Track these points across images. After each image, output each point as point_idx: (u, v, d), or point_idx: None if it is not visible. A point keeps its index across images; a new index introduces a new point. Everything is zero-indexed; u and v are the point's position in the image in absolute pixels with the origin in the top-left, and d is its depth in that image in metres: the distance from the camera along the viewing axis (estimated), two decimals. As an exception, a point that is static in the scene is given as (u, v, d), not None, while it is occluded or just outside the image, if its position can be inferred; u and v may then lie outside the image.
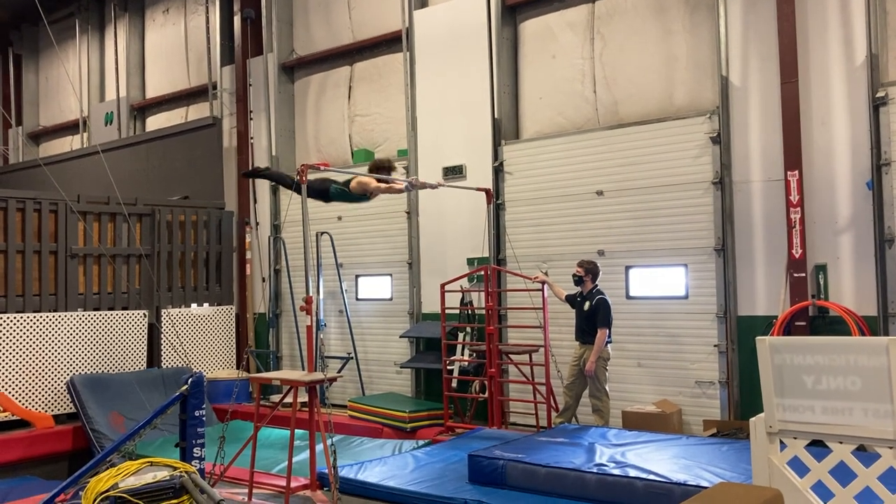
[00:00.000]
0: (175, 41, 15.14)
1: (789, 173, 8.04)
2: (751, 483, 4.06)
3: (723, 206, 8.53)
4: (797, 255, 7.99)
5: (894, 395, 3.45)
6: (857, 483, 3.60)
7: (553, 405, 8.69)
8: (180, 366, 11.06)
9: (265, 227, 12.80)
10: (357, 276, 11.78)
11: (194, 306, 11.87)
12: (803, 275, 7.97)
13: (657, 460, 6.43)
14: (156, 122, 15.46)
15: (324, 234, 11.55)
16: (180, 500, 4.80)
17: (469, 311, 10.07)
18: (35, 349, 9.87)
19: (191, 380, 5.67)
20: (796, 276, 8.00)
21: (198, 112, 14.51)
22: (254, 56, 13.17)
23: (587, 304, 8.33)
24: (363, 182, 7.96)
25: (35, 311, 10.01)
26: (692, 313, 8.75)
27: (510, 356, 9.42)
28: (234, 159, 13.23)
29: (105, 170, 10.75)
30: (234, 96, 13.45)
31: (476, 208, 9.89)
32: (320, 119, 12.76)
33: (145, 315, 11.05)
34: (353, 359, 11.22)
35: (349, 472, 7.03)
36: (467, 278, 9.97)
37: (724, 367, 8.48)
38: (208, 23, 13.88)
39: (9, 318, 9.72)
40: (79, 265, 10.55)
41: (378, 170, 8.07)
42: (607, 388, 8.26)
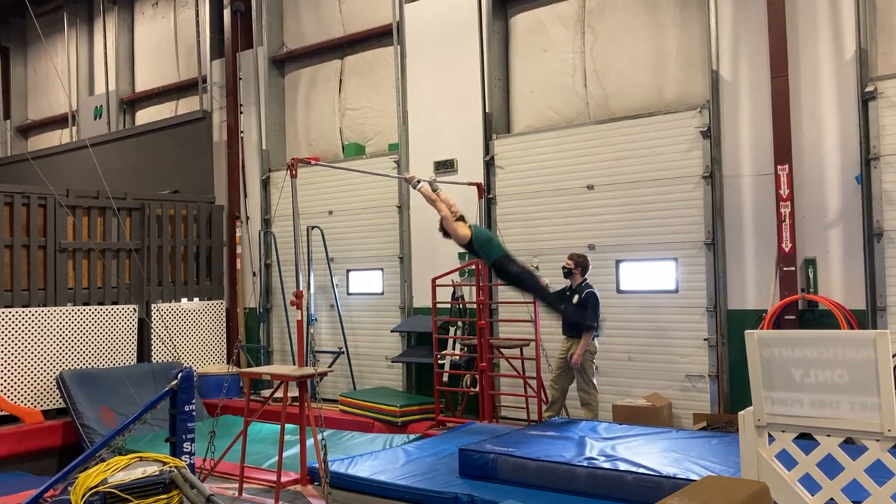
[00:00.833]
0: (164, 34, 15.06)
1: (779, 167, 8.06)
2: (739, 476, 4.08)
3: (713, 200, 8.55)
4: (787, 249, 8.01)
5: (881, 388, 3.46)
6: (845, 475, 3.61)
7: (544, 399, 8.71)
8: (170, 360, 11.03)
9: (255, 221, 12.76)
10: (348, 271, 11.76)
11: (184, 301, 11.84)
12: (793, 269, 8.01)
13: (647, 454, 6.46)
14: (145, 116, 15.38)
15: (314, 228, 11.52)
16: (170, 496, 4.78)
17: (460, 306, 10.08)
18: (24, 344, 9.82)
19: (181, 375, 5.65)
20: (786, 269, 8.03)
21: (188, 106, 14.45)
22: (244, 49, 13.11)
23: (576, 298, 8.34)
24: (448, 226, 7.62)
25: (24, 306, 9.96)
26: (682, 307, 8.78)
27: (501, 350, 9.43)
28: (223, 153, 13.18)
29: (94, 164, 10.73)
30: (223, 90, 13.38)
31: (467, 202, 9.86)
32: (311, 113, 12.72)
33: (135, 310, 11.02)
34: (344, 353, 11.21)
35: (340, 467, 7.02)
36: (458, 273, 9.97)
37: (713, 361, 8.51)
38: (198, 16, 13.81)
39: (-3, 313, 9.69)
40: (68, 260, 10.50)
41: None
42: (595, 381, 8.28)
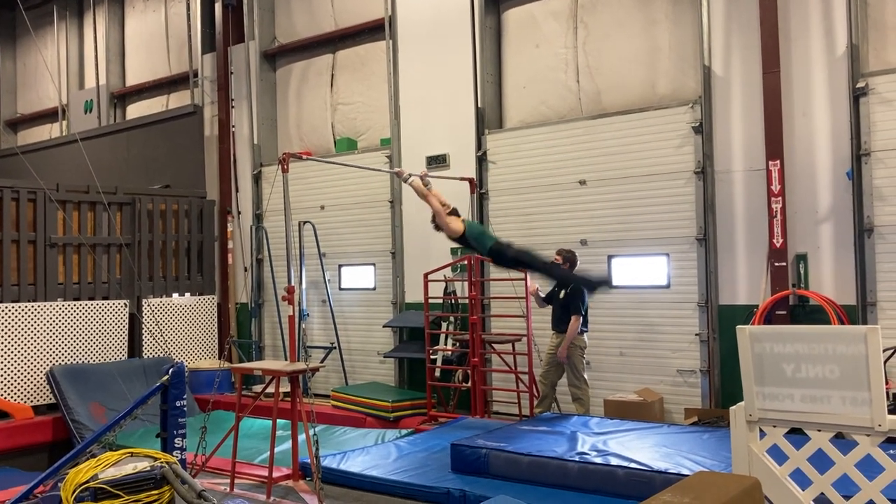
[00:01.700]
0: (155, 28, 14.97)
1: (771, 163, 8.08)
2: (730, 471, 4.09)
3: (705, 195, 8.56)
4: (778, 245, 8.04)
5: (872, 383, 3.48)
6: (835, 470, 3.63)
7: (536, 394, 8.72)
8: (162, 356, 11.00)
9: (247, 216, 12.71)
10: (340, 266, 11.73)
11: (176, 296, 11.79)
12: (784, 264, 8.03)
13: (639, 449, 6.48)
14: (136, 111, 15.28)
15: (306, 223, 11.48)
16: (161, 491, 4.76)
17: (452, 301, 10.07)
18: (14, 340, 9.77)
19: (172, 370, 5.64)
20: (777, 265, 8.05)
21: (179, 100, 14.37)
22: (235, 44, 13.05)
23: (563, 292, 8.36)
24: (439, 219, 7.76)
25: (14, 301, 9.90)
26: (674, 302, 8.79)
27: (493, 345, 9.44)
28: (215, 148, 13.12)
29: (85, 158, 10.66)
30: (215, 84, 13.31)
31: (460, 198, 9.85)
32: (302, 107, 12.67)
33: (126, 305, 10.97)
34: (336, 348, 11.20)
35: (332, 462, 7.03)
36: (451, 268, 9.96)
37: (705, 356, 8.54)
38: (189, 10, 13.72)
39: (-13, 308, 9.63)
40: (58, 254, 10.44)
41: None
42: (586, 376, 8.30)
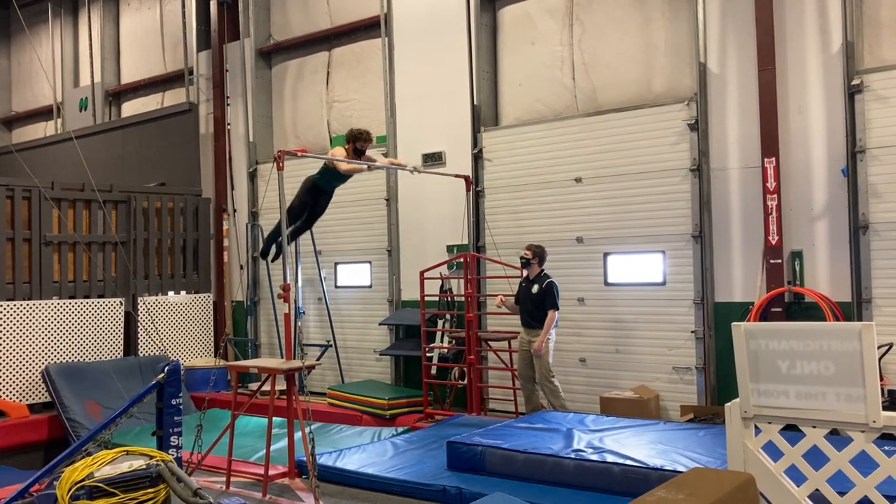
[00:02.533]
0: (150, 26, 14.93)
1: (766, 160, 8.09)
2: (726, 468, 4.09)
3: (700, 192, 8.57)
4: (773, 242, 8.05)
5: (866, 379, 3.48)
6: (830, 466, 3.63)
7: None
8: (157, 354, 10.98)
9: (243, 213, 12.70)
10: (336, 264, 11.73)
11: (171, 294, 11.77)
12: (779, 261, 8.04)
13: (634, 446, 6.49)
14: (131, 108, 15.25)
15: (302, 221, 11.46)
16: (157, 489, 4.75)
17: (448, 299, 10.07)
18: (9, 338, 9.74)
19: (167, 368, 5.62)
20: (773, 262, 8.07)
21: (174, 98, 14.34)
22: (230, 41, 13.02)
23: (535, 287, 8.37)
24: (336, 163, 8.18)
25: (9, 300, 9.87)
26: (670, 300, 8.80)
27: (489, 343, 9.44)
28: (210, 145, 13.10)
29: (80, 156, 10.62)
30: (210, 82, 13.29)
31: (455, 195, 9.87)
32: (298, 105, 12.65)
33: (121, 303, 10.95)
34: (332, 346, 11.19)
35: (328, 460, 7.03)
36: (447, 265, 9.96)
37: (701, 353, 8.55)
38: (184, 7, 13.69)
39: (-18, 306, 9.60)
40: (53, 253, 10.41)
41: (354, 140, 8.20)
42: (552, 370, 8.33)
